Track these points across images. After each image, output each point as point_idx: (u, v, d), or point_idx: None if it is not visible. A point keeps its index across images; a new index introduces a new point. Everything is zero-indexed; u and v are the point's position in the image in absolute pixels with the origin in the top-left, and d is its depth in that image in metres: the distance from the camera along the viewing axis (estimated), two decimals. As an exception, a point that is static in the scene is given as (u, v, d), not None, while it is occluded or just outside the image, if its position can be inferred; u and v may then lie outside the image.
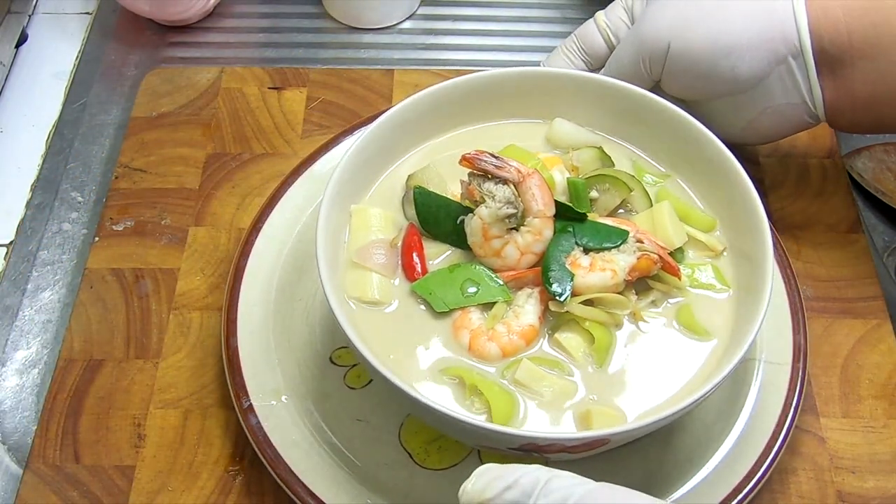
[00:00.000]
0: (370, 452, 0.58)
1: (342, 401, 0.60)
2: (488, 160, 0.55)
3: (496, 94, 0.64)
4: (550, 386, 0.53)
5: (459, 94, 0.63)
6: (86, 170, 0.78)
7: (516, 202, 0.55)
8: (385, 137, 0.61)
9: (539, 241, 0.56)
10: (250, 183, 0.74)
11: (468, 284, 0.56)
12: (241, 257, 0.65)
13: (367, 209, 0.60)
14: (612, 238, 0.56)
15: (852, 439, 0.62)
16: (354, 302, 0.56)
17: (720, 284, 0.57)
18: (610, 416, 0.52)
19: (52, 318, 0.69)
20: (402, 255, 0.58)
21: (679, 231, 0.58)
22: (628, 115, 0.63)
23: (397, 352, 0.55)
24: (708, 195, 0.61)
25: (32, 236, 0.74)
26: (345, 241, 0.59)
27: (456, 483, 0.56)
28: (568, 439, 0.49)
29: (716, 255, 0.59)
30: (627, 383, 0.54)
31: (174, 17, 0.86)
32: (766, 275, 0.53)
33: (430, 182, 0.60)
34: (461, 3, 0.92)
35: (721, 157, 0.58)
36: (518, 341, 0.54)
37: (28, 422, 0.64)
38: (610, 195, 0.60)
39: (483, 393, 0.52)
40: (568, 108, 0.64)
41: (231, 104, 0.80)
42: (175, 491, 0.59)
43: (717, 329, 0.56)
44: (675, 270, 0.56)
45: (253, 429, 0.58)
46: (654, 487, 0.57)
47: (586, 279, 0.54)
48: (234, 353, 0.61)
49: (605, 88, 0.62)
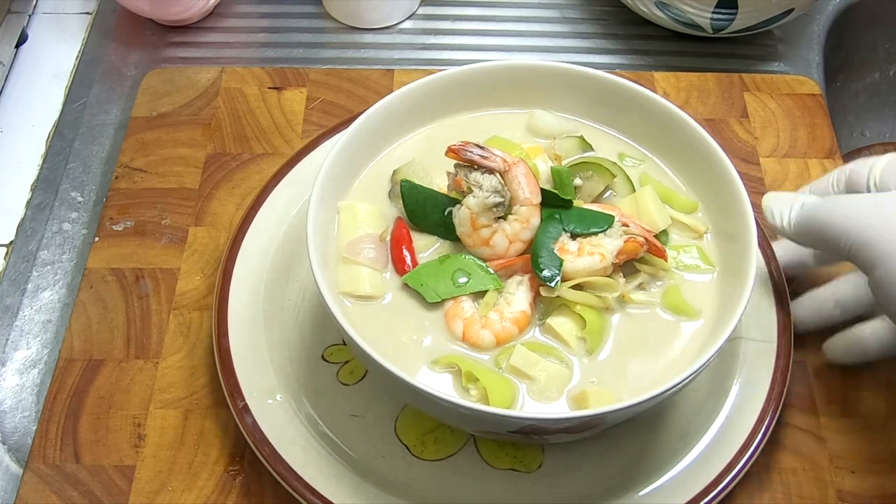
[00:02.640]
0: (367, 446, 0.59)
1: (336, 397, 0.61)
2: (474, 151, 0.56)
3: (476, 86, 0.64)
4: (545, 370, 0.54)
5: (440, 88, 0.63)
6: (86, 170, 0.78)
7: (503, 191, 0.56)
8: (367, 134, 0.61)
9: (527, 229, 0.56)
10: (250, 183, 0.74)
11: (459, 274, 0.56)
12: (228, 259, 0.65)
13: (355, 205, 0.60)
14: (599, 223, 0.56)
15: (852, 439, 0.62)
16: (346, 297, 0.57)
17: (705, 265, 0.58)
18: (605, 395, 0.53)
19: (52, 318, 0.69)
20: (392, 249, 0.58)
21: (663, 214, 0.59)
22: (607, 101, 0.63)
23: (392, 344, 0.55)
24: (689, 177, 0.62)
25: (32, 236, 0.74)
26: (333, 237, 0.59)
27: (454, 473, 0.58)
28: (566, 419, 0.49)
29: (699, 237, 0.60)
30: (620, 364, 0.55)
31: (174, 17, 0.87)
32: (751, 254, 0.54)
33: (415, 175, 0.60)
34: (461, 3, 0.92)
35: (700, 139, 0.59)
36: (511, 328, 0.55)
37: (28, 422, 0.64)
38: (593, 182, 0.61)
39: (479, 379, 0.52)
40: (547, 96, 0.65)
41: (231, 104, 0.80)
42: (175, 491, 0.59)
43: (704, 308, 0.56)
44: (661, 252, 0.57)
45: (249, 428, 0.58)
46: (650, 466, 0.58)
47: (575, 264, 0.55)
48: (226, 354, 0.61)
49: (582, 77, 0.63)
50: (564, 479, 0.58)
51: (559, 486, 0.58)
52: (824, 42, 0.91)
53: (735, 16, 0.82)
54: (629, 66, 0.87)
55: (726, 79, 0.83)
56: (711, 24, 0.83)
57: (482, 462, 0.59)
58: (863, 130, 1.02)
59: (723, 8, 0.81)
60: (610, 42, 0.89)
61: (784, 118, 0.80)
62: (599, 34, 0.90)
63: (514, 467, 0.58)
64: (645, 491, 0.57)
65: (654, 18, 0.86)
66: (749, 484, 0.60)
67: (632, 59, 0.87)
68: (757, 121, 0.80)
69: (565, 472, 0.58)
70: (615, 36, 0.89)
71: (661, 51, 0.88)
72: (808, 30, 0.91)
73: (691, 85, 0.82)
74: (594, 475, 0.58)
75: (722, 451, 0.58)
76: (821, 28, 0.92)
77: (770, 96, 0.82)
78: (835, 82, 0.97)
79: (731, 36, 0.86)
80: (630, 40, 0.89)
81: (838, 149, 0.78)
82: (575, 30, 0.90)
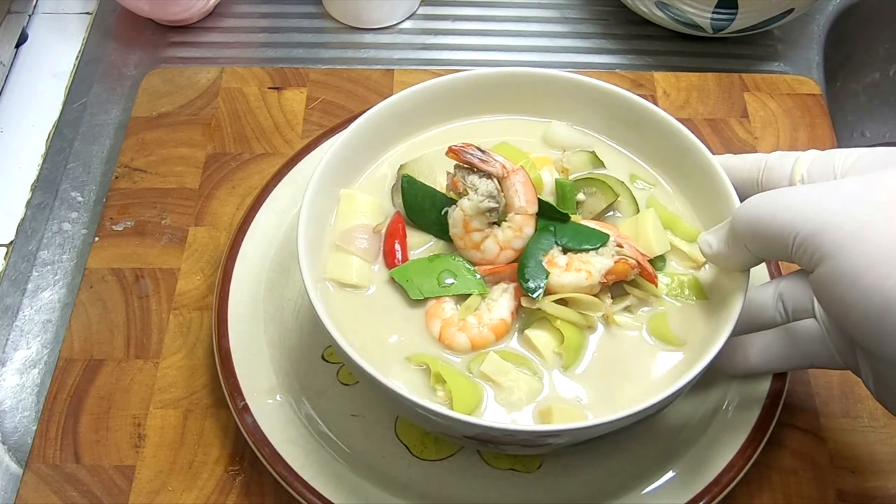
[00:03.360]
0: (367, 447, 0.59)
1: (336, 397, 0.61)
2: (474, 153, 0.56)
3: (494, 91, 0.64)
4: (515, 380, 0.53)
5: (459, 89, 0.63)
6: (86, 170, 0.78)
7: (498, 196, 0.55)
8: (379, 126, 0.61)
9: (519, 238, 0.56)
10: (250, 183, 0.74)
11: (446, 275, 0.56)
12: (228, 259, 0.65)
13: (356, 194, 0.60)
14: (592, 240, 0.56)
15: (852, 439, 0.62)
16: (332, 283, 0.57)
17: (697, 296, 0.57)
18: (569, 413, 0.52)
19: (52, 318, 0.69)
20: (385, 242, 0.58)
21: (661, 239, 0.58)
22: (624, 119, 0.63)
23: (368, 335, 0.55)
24: (697, 206, 0.61)
25: (32, 236, 0.74)
26: (331, 224, 0.59)
27: (454, 473, 0.58)
28: (522, 432, 0.49)
29: (698, 267, 0.58)
30: (593, 383, 0.54)
31: (174, 17, 0.87)
32: (741, 293, 0.52)
33: (420, 173, 0.60)
34: (461, 3, 0.92)
35: (710, 169, 0.58)
36: (488, 334, 0.54)
37: (28, 422, 0.64)
38: (596, 199, 0.60)
39: (447, 381, 0.52)
40: (567, 108, 0.64)
41: (231, 104, 0.80)
42: (175, 491, 0.59)
43: (688, 339, 0.55)
44: (651, 277, 0.56)
45: (249, 428, 0.58)
46: (650, 466, 0.58)
47: (561, 278, 0.54)
48: (226, 354, 0.61)
49: (601, 92, 0.62)
50: (564, 479, 0.58)
51: (559, 486, 0.58)
52: (824, 42, 0.91)
53: (735, 16, 0.82)
54: (629, 66, 0.87)
55: (726, 79, 0.83)
56: (711, 24, 0.83)
57: (482, 462, 0.59)
58: (863, 130, 1.02)
59: (723, 8, 0.81)
60: (610, 42, 0.89)
61: (784, 118, 0.80)
62: (599, 34, 0.90)
63: (513, 467, 0.58)
64: (645, 491, 0.57)
65: (654, 18, 0.86)
66: (749, 484, 0.60)
67: (632, 59, 0.87)
68: (757, 121, 0.80)
69: (565, 472, 0.58)
70: (615, 36, 0.89)
71: (661, 51, 0.88)
72: (808, 30, 0.91)
73: (691, 85, 0.82)
74: (594, 475, 0.58)
75: (722, 452, 0.58)
76: (821, 28, 0.92)
77: (770, 96, 0.82)
78: (835, 82, 0.97)
79: (731, 36, 0.86)
80: (630, 40, 0.89)
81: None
82: (575, 30, 0.90)
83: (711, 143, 0.78)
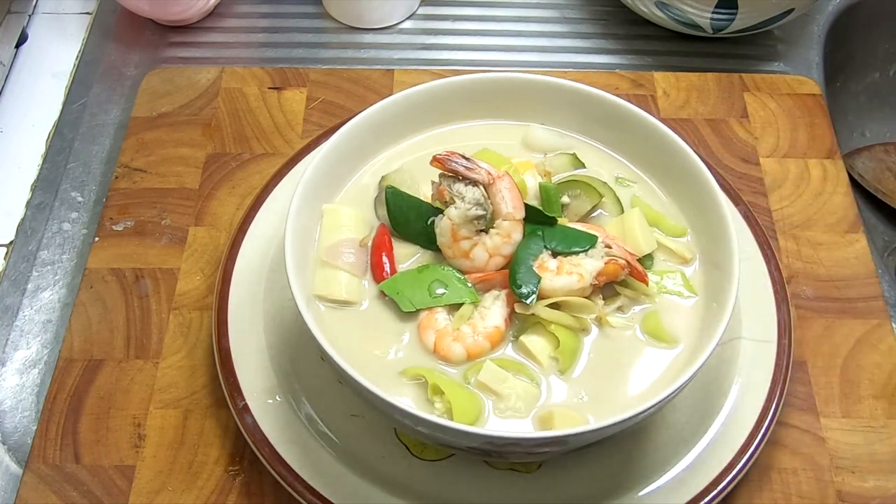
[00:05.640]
0: (367, 447, 0.59)
1: (336, 397, 0.61)
2: (459, 161, 0.56)
3: (472, 96, 0.64)
4: (513, 388, 0.53)
5: (437, 97, 0.63)
6: (86, 170, 0.78)
7: (485, 204, 0.55)
8: (358, 138, 0.61)
9: (508, 244, 0.56)
10: (250, 183, 0.74)
11: (436, 285, 0.56)
12: (228, 259, 0.65)
13: (339, 208, 0.60)
14: (581, 242, 0.56)
15: (852, 439, 0.62)
16: (321, 301, 0.57)
17: (687, 292, 0.57)
18: (571, 417, 0.52)
19: (52, 318, 0.69)
20: (372, 255, 0.58)
21: (648, 238, 0.58)
22: (604, 120, 0.63)
23: (363, 350, 0.55)
24: (681, 202, 0.62)
25: (32, 236, 0.74)
26: (315, 240, 0.59)
27: (454, 473, 0.57)
28: (525, 440, 0.49)
29: (685, 263, 0.59)
30: (591, 386, 0.54)
31: (174, 17, 0.87)
32: (732, 284, 0.52)
33: (402, 183, 0.60)
34: (461, 3, 0.92)
35: (692, 165, 0.58)
36: (483, 342, 0.54)
37: (28, 422, 0.64)
38: (581, 201, 0.60)
39: (445, 393, 0.52)
40: (545, 111, 0.65)
41: (231, 104, 0.80)
42: (175, 491, 0.59)
43: (682, 336, 0.56)
44: (642, 276, 0.56)
45: (249, 428, 0.58)
46: (650, 466, 0.58)
47: (553, 282, 0.54)
48: (226, 354, 0.61)
49: (580, 95, 0.63)
50: (564, 479, 0.58)
51: (559, 486, 0.58)
52: (824, 42, 0.91)
53: (735, 16, 0.82)
54: (629, 66, 0.87)
55: (726, 79, 0.83)
56: (711, 24, 0.83)
57: (482, 462, 0.59)
58: (863, 130, 1.02)
59: (723, 8, 0.81)
60: (610, 42, 0.89)
61: (784, 118, 0.80)
62: (599, 34, 0.90)
63: (513, 467, 0.58)
64: (645, 491, 0.57)
65: (654, 18, 0.86)
66: (749, 484, 0.60)
67: (632, 59, 0.87)
68: (757, 121, 0.80)
69: (565, 472, 0.58)
70: (615, 36, 0.89)
71: (661, 51, 0.88)
72: (808, 30, 0.91)
73: (691, 85, 0.82)
74: (594, 475, 0.58)
75: (722, 451, 0.58)
76: (821, 28, 0.92)
77: (770, 96, 0.82)
78: (835, 82, 0.97)
79: (731, 36, 0.86)
80: (630, 40, 0.89)
81: (838, 149, 0.78)
82: (575, 30, 0.90)
83: (711, 143, 0.78)
